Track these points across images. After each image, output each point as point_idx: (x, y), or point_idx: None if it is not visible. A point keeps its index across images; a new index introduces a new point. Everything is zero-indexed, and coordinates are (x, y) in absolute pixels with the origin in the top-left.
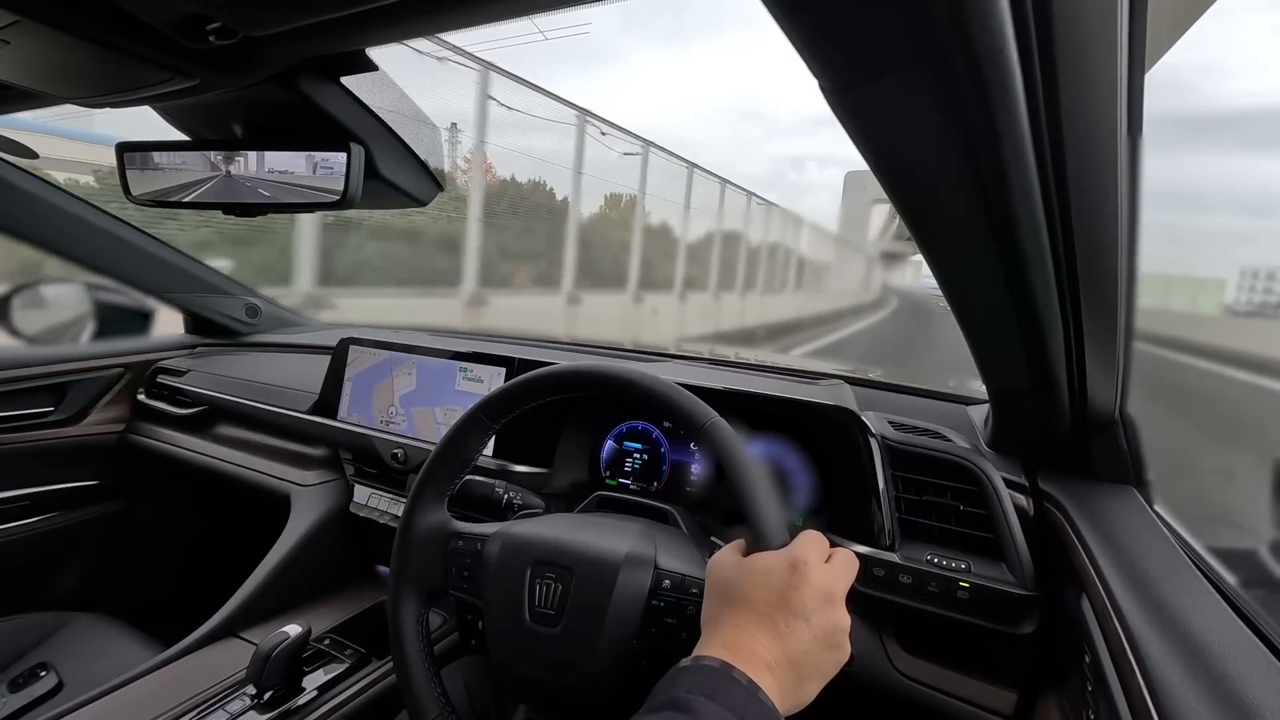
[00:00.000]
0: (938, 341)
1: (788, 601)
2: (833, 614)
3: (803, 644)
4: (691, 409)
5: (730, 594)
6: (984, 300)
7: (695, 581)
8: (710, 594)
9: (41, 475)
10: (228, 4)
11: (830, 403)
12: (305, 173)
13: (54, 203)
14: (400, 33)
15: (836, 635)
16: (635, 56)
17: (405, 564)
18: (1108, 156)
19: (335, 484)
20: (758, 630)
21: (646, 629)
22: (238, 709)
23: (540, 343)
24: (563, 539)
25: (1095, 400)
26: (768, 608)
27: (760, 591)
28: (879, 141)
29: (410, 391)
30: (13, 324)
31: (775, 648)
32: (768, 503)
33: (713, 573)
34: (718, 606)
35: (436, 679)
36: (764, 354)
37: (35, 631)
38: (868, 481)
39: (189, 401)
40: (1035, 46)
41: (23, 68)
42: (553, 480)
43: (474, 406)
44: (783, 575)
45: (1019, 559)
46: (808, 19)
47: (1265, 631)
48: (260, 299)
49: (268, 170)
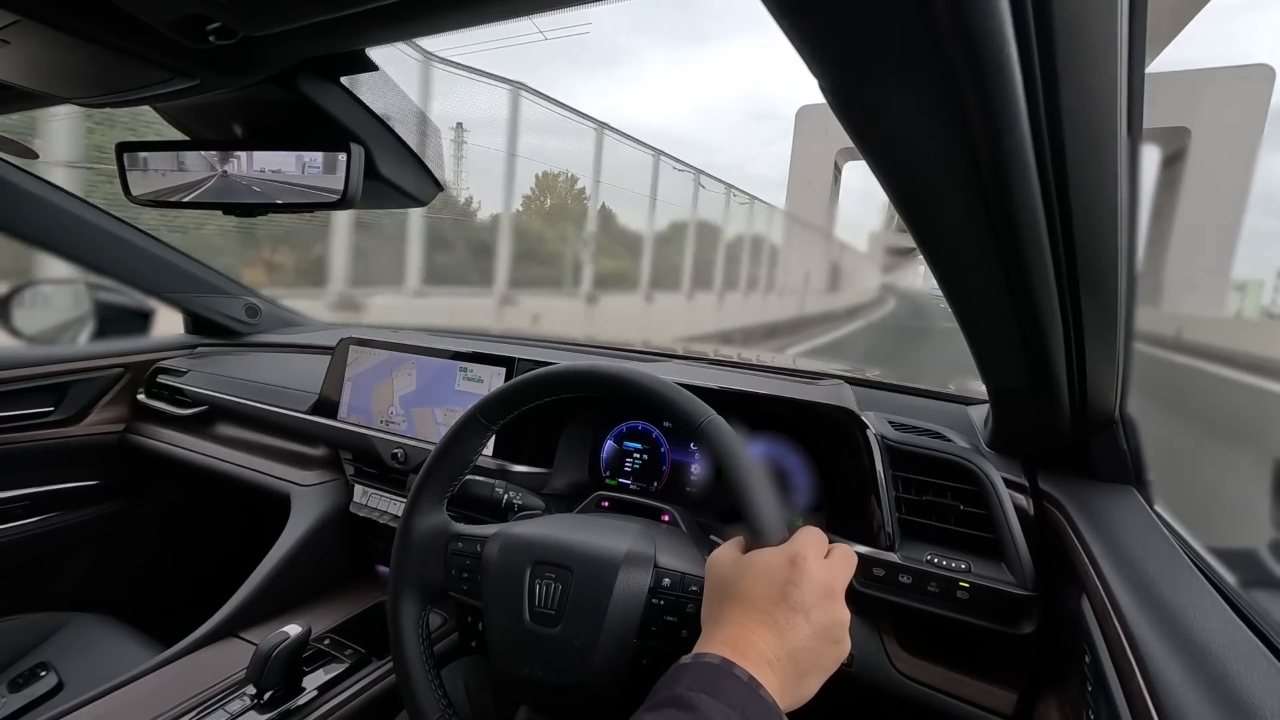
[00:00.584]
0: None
1: (787, 597)
2: (832, 609)
3: (803, 639)
4: (688, 408)
5: (730, 591)
6: (984, 300)
7: (695, 579)
8: (710, 591)
9: (41, 475)
10: (228, 4)
11: (830, 402)
12: (305, 173)
13: (54, 203)
14: (400, 33)
15: (837, 630)
16: (645, 56)
17: (405, 566)
18: (1108, 156)
19: (335, 484)
20: (758, 626)
21: (647, 627)
22: (238, 709)
23: (541, 342)
24: (562, 539)
25: (1095, 400)
26: (767, 603)
27: (760, 587)
28: (879, 141)
29: (410, 392)
30: (13, 324)
31: (775, 643)
32: (765, 499)
33: (712, 570)
34: (717, 603)
35: (437, 680)
36: (764, 354)
37: (35, 631)
38: (868, 481)
39: (189, 402)
40: (1035, 46)
41: (23, 68)
42: (552, 480)
43: (472, 408)
44: (782, 571)
45: (1019, 559)
46: (808, 19)
47: (1265, 631)
48: (260, 299)
49: (268, 170)
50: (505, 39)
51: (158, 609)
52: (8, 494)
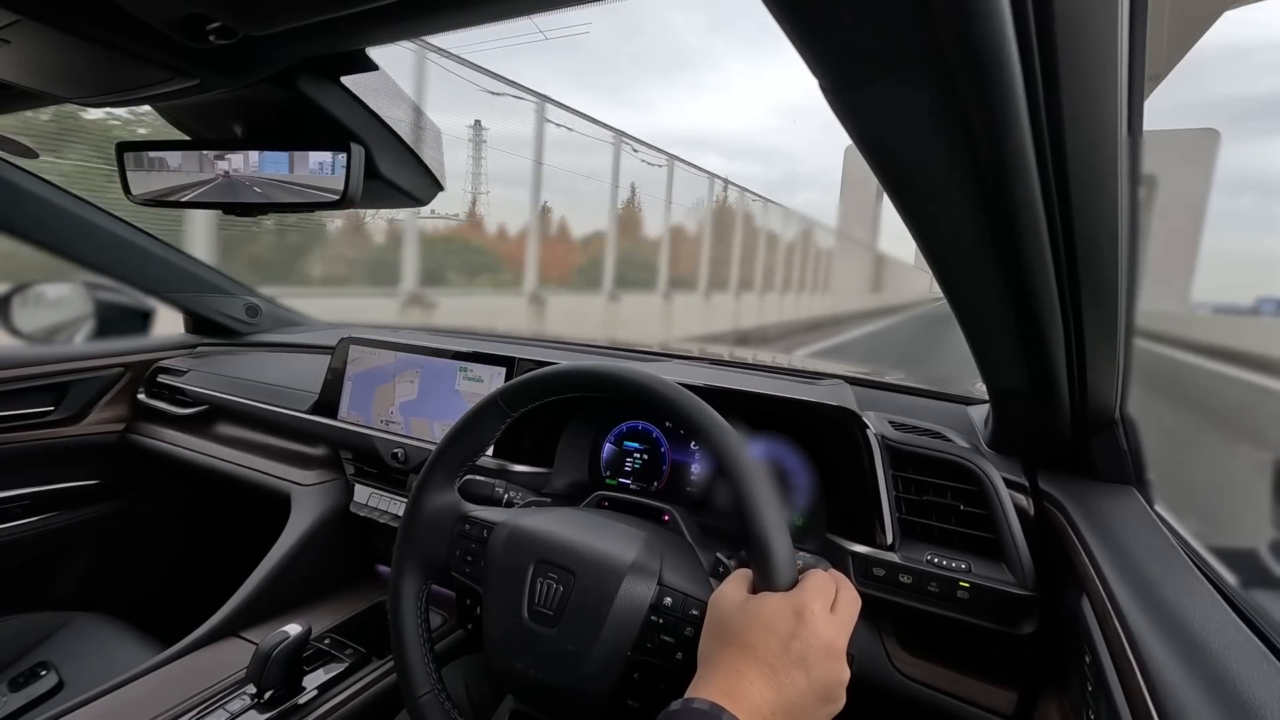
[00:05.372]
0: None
1: (790, 651)
2: (834, 668)
3: (800, 695)
4: (722, 442)
5: (731, 635)
6: (984, 300)
7: (696, 603)
8: (710, 630)
9: (41, 475)
10: (228, 4)
11: (831, 403)
12: (306, 172)
13: (54, 203)
14: (400, 33)
15: (835, 689)
16: (723, 56)
17: (411, 539)
18: (1108, 156)
19: (335, 484)
20: (756, 677)
21: (643, 643)
22: (238, 708)
23: (541, 342)
24: (569, 539)
25: (1095, 400)
26: (769, 655)
27: (763, 637)
28: (879, 141)
29: (411, 400)
30: (13, 323)
31: (772, 697)
32: (780, 541)
33: (715, 609)
34: (716, 645)
35: (431, 657)
36: (764, 354)
37: (35, 631)
38: (868, 481)
39: (189, 401)
40: (1035, 46)
41: (23, 68)
42: (553, 480)
43: (493, 392)
44: (787, 623)
45: (1019, 559)
46: (807, 19)
47: (1265, 631)
48: (260, 299)
49: (268, 170)
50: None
51: (158, 608)
52: (8, 494)
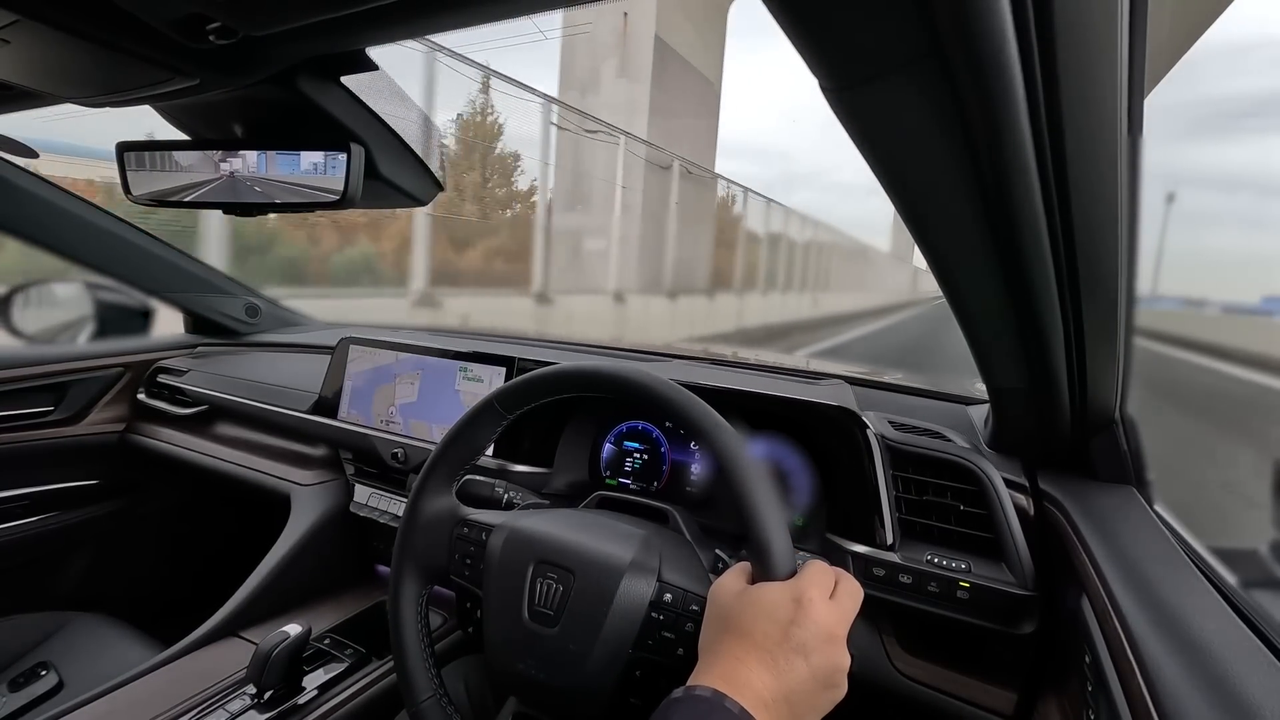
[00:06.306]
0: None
1: (789, 638)
2: (833, 654)
3: (800, 682)
4: (722, 443)
5: (731, 624)
6: (984, 300)
7: (696, 599)
8: (710, 620)
9: (41, 475)
10: (228, 4)
11: (831, 403)
12: (305, 172)
13: (54, 203)
14: (400, 32)
15: (836, 675)
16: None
17: (409, 544)
18: (1108, 156)
19: (335, 484)
20: (756, 665)
21: (644, 640)
22: (238, 708)
23: (541, 342)
24: (567, 539)
25: (1095, 400)
26: (769, 642)
27: (762, 624)
28: (879, 141)
29: (410, 403)
30: (13, 324)
31: (773, 684)
32: (778, 532)
33: (714, 599)
34: (717, 634)
35: (432, 661)
36: (765, 354)
37: (35, 631)
38: (868, 481)
39: (189, 401)
40: (1035, 46)
41: (23, 68)
42: (553, 480)
43: (490, 395)
44: (786, 610)
45: (1019, 559)
46: (807, 18)
47: (1265, 631)
48: (260, 299)
49: (268, 170)
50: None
51: (158, 609)
52: (8, 494)
